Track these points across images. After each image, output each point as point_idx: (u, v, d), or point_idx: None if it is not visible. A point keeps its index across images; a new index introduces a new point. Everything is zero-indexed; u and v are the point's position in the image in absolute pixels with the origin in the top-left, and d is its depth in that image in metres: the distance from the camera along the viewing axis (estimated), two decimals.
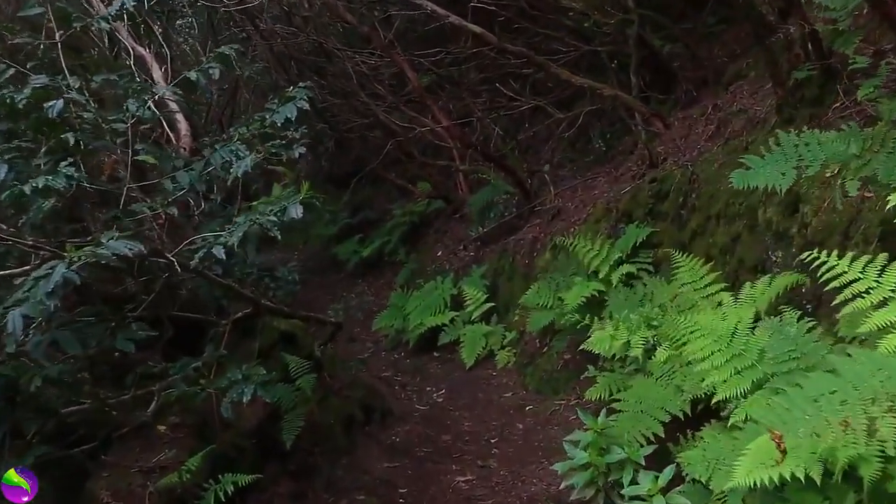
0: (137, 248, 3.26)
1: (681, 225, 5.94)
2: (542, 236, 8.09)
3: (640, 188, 6.41)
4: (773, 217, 4.67)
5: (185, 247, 3.97)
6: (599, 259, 6.36)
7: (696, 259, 5.31)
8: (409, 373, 8.53)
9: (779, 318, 3.68)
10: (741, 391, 3.53)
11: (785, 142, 3.74)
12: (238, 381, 3.89)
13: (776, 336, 3.51)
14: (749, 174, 3.75)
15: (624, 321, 5.07)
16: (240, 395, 3.84)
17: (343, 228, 13.20)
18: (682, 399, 4.30)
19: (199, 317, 4.89)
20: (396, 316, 9.29)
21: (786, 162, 3.70)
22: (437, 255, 10.35)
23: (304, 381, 4.98)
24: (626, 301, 5.64)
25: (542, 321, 6.85)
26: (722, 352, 3.71)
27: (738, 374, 3.60)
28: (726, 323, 4.15)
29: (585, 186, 8.38)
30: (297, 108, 4.06)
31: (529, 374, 7.20)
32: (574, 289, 6.23)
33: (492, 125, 10.10)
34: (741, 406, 3.44)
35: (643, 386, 4.57)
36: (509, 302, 8.35)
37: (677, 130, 7.14)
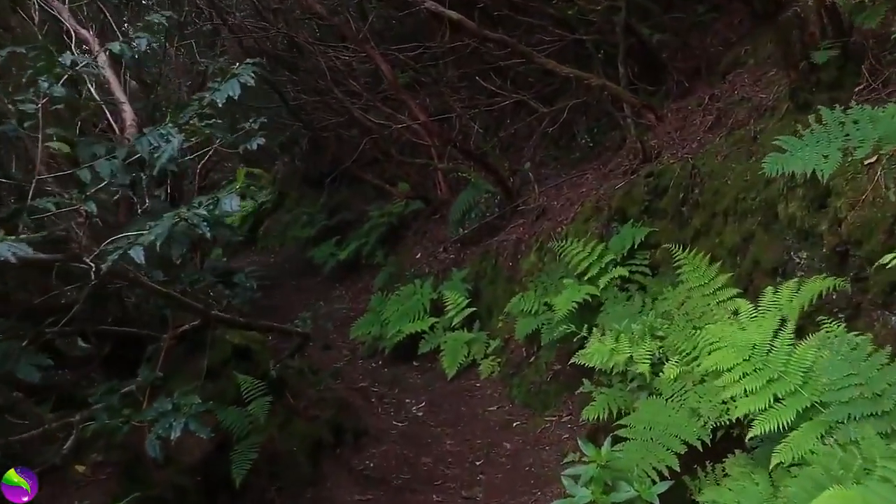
0: (23, 250, 2.43)
1: (682, 223, 5.19)
2: (526, 237, 7.30)
3: (635, 184, 5.65)
4: (797, 212, 3.92)
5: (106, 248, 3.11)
6: (590, 261, 5.59)
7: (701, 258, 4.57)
8: (387, 383, 7.70)
9: (831, 334, 2.91)
10: (783, 423, 2.76)
11: (829, 119, 2.98)
12: (167, 412, 3.06)
13: (828, 355, 2.73)
14: (785, 158, 2.99)
15: (625, 332, 4.29)
16: (167, 429, 3.01)
17: (320, 230, 12.34)
18: (700, 425, 3.53)
19: (132, 331, 4.05)
20: (374, 322, 8.45)
21: (829, 143, 2.94)
22: (415, 257, 9.53)
23: (257, 406, 4.15)
24: (625, 308, 4.87)
25: (528, 328, 6.07)
26: (756, 374, 2.94)
27: (778, 401, 2.83)
28: (747, 335, 3.40)
29: (571, 184, 7.62)
30: (242, 85, 3.23)
31: (516, 385, 6.41)
32: (564, 294, 5.45)
33: (471, 122, 9.31)
34: (787, 443, 2.67)
35: (652, 408, 3.79)
36: (492, 307, 7.56)
37: (671, 123, 6.40)
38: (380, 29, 11.30)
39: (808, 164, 2.92)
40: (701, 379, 3.83)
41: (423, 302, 7.92)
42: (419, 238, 10.00)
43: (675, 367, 3.88)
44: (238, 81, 3.30)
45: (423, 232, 10.00)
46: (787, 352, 2.93)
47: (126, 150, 3.16)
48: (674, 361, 3.94)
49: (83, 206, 3.12)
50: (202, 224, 2.88)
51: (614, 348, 4.20)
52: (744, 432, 3.42)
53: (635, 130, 7.06)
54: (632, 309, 4.86)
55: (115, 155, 3.13)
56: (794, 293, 3.54)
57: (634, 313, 4.64)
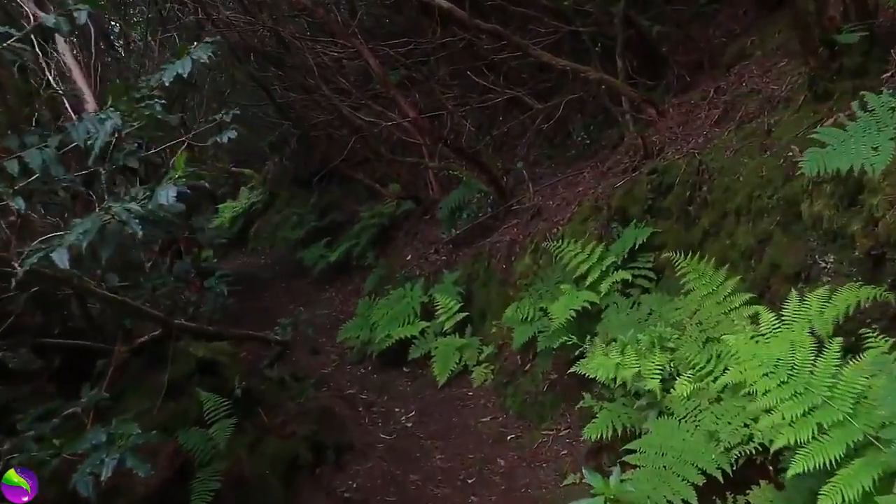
0: None
1: (689, 223, 4.70)
2: (520, 238, 6.80)
3: (637, 182, 5.16)
4: (824, 211, 3.43)
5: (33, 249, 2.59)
6: (589, 264, 5.10)
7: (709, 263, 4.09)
8: (375, 390, 7.19)
9: (890, 356, 2.41)
10: (830, 458, 2.27)
11: (877, 105, 2.49)
12: (101, 444, 2.54)
13: (885, 383, 2.23)
14: (827, 154, 2.50)
15: (631, 343, 3.80)
16: (97, 466, 2.49)
17: (310, 231, 11.82)
18: (719, 451, 3.04)
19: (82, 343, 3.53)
20: (363, 326, 7.93)
21: (879, 132, 2.45)
22: (406, 259, 9.02)
23: (219, 429, 3.63)
24: (629, 316, 4.38)
25: (524, 337, 5.57)
26: (795, 399, 2.44)
27: (823, 433, 2.33)
28: (771, 349, 2.91)
29: (567, 183, 7.12)
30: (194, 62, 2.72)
31: (510, 395, 5.90)
32: (561, 300, 4.96)
33: (463, 120, 8.81)
34: (835, 484, 2.18)
35: (664, 430, 3.30)
36: (485, 310, 7.06)
37: (673, 117, 5.91)
38: (370, 26, 10.81)
39: (856, 159, 2.44)
40: (717, 397, 3.35)
41: (413, 306, 7.42)
42: (410, 239, 9.49)
43: (689, 383, 3.40)
44: (191, 59, 2.79)
45: (414, 233, 9.50)
46: (832, 373, 2.43)
47: (59, 139, 2.65)
48: (687, 377, 3.46)
49: (11, 203, 2.61)
50: (133, 221, 2.36)
51: (620, 362, 3.71)
52: (768, 460, 2.94)
53: (635, 126, 6.59)
54: (636, 316, 4.37)
55: (47, 144, 2.62)
56: (824, 302, 3.05)
57: (640, 322, 4.15)
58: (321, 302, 10.69)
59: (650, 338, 3.73)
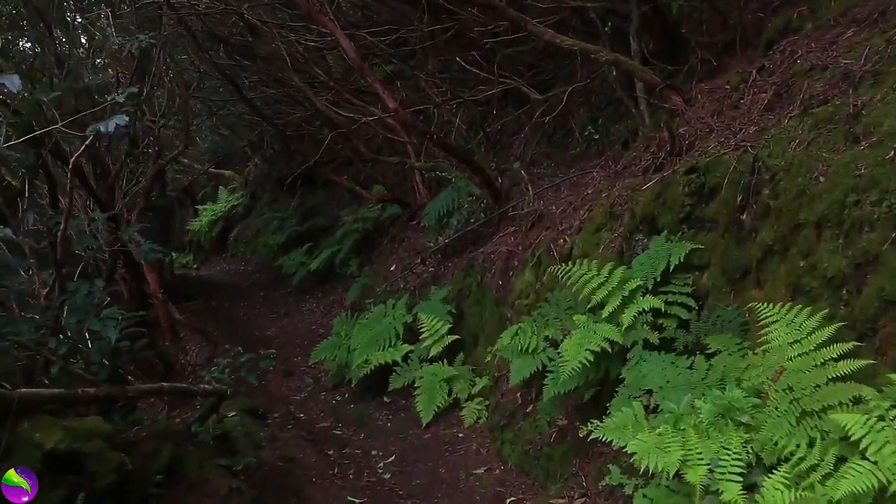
0: None
1: (742, 238, 3.43)
2: (518, 249, 5.54)
3: (670, 183, 3.89)
4: None
5: None
6: (608, 289, 3.82)
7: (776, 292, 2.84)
8: (351, 424, 5.92)
9: None
10: None
11: None
12: None
13: None
14: None
15: (685, 416, 2.52)
16: None
17: (291, 237, 10.54)
18: None
19: None
20: (339, 346, 6.66)
21: None
22: (390, 269, 7.73)
23: None
24: (675, 369, 3.10)
25: (524, 371, 4.30)
26: None
27: None
28: None
29: (572, 185, 5.86)
30: None
31: (508, 441, 4.64)
32: (574, 337, 3.69)
33: (453, 115, 7.53)
34: None
35: None
36: (478, 334, 5.78)
37: (703, 106, 4.64)
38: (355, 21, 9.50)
39: None
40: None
41: (395, 326, 6.14)
42: (395, 247, 8.21)
43: (786, 489, 2.12)
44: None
45: (399, 240, 8.21)
46: None
47: None
48: (781, 475, 2.19)
49: None
50: None
51: (664, 446, 2.43)
52: None
53: (652, 118, 5.33)
54: (685, 370, 3.09)
55: None
56: None
57: (693, 378, 2.87)
58: (300, 313, 9.41)
59: (716, 406, 2.46)
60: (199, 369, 8.00)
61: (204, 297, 10.44)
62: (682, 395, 2.75)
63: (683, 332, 3.55)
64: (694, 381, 2.79)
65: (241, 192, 12.56)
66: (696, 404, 2.55)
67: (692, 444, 2.38)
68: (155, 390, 3.13)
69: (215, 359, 8.19)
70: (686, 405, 2.54)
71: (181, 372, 7.90)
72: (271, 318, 9.47)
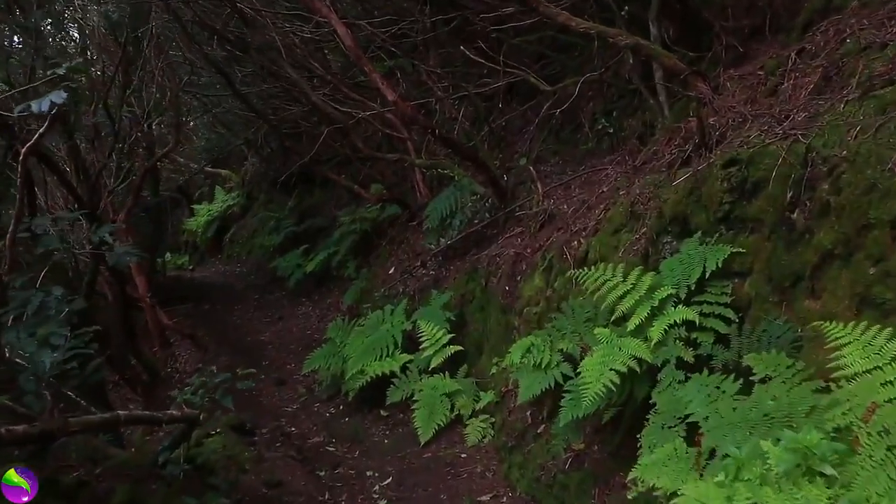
0: None
1: (792, 240, 2.89)
2: (527, 252, 4.99)
3: (705, 178, 3.34)
4: None
5: None
6: (635, 298, 3.28)
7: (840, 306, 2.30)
8: (345, 439, 5.39)
9: None
10: None
11: None
12: None
13: None
14: None
15: (750, 463, 1.97)
16: None
17: (287, 237, 9.99)
18: None
19: None
20: (334, 355, 6.11)
21: None
22: (388, 273, 7.19)
23: None
24: (722, 396, 2.55)
25: (535, 388, 3.77)
26: None
27: None
28: None
29: (584, 182, 5.32)
30: None
31: (517, 465, 4.10)
32: (596, 354, 3.15)
33: (455, 109, 7.00)
34: None
35: None
36: (482, 343, 5.24)
37: (734, 94, 4.11)
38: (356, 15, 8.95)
39: None
40: None
41: (393, 334, 5.59)
42: (394, 248, 7.67)
43: None
44: None
45: (398, 241, 7.67)
46: None
47: None
48: None
49: None
50: None
51: (736, 498, 1.88)
52: None
53: (672, 111, 4.80)
54: (727, 391, 2.55)
55: None
56: None
57: (745, 410, 2.32)
58: (296, 317, 8.87)
59: (791, 454, 1.91)
60: (189, 377, 7.47)
61: (197, 299, 9.90)
62: (737, 432, 2.21)
63: (722, 348, 3.01)
64: (752, 416, 2.24)
65: (237, 192, 12.01)
66: (762, 446, 2.00)
67: (768, 502, 1.83)
68: (108, 422, 2.59)
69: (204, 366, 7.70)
70: (752, 451, 2.00)
71: (168, 380, 7.37)
72: (265, 322, 8.94)
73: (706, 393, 2.64)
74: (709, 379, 2.72)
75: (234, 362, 7.66)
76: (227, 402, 3.17)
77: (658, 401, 2.90)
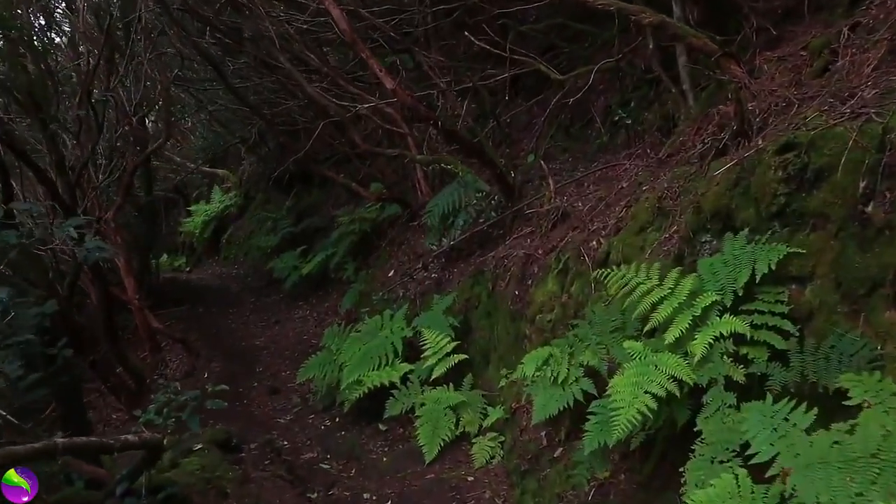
0: None
1: (867, 237, 2.37)
2: (538, 253, 4.46)
3: (753, 167, 2.82)
4: None
5: None
6: (673, 304, 2.74)
7: None
8: (341, 456, 4.85)
9: None
10: None
11: None
12: None
13: None
14: None
15: None
16: None
17: (285, 238, 9.45)
18: None
19: None
20: (329, 363, 5.57)
21: None
22: (388, 275, 6.66)
23: None
24: (790, 428, 2.03)
25: (551, 407, 3.24)
26: None
27: None
28: None
29: (600, 178, 4.80)
30: None
31: (531, 492, 3.56)
32: (627, 372, 2.64)
33: (459, 103, 6.48)
34: None
35: None
36: (489, 352, 4.72)
37: (774, 77, 3.59)
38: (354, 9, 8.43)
39: None
40: None
41: (392, 341, 5.06)
42: (395, 250, 7.14)
43: None
44: None
45: (398, 242, 7.14)
46: None
47: None
48: None
49: None
50: None
51: None
52: None
53: (698, 99, 4.28)
54: (798, 423, 2.03)
55: None
56: None
57: (840, 449, 1.79)
58: (292, 321, 8.34)
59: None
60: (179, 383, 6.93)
61: (192, 302, 9.36)
62: (831, 475, 1.68)
63: (780, 367, 2.48)
64: (848, 455, 1.71)
65: (235, 192, 11.48)
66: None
67: None
68: (40, 452, 2.08)
69: (195, 372, 7.16)
70: None
71: (156, 387, 6.82)
72: (261, 326, 8.40)
73: (771, 425, 2.11)
74: (773, 407, 2.20)
75: (226, 369, 7.14)
76: (193, 425, 2.64)
77: (704, 429, 2.38)
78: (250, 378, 6.77)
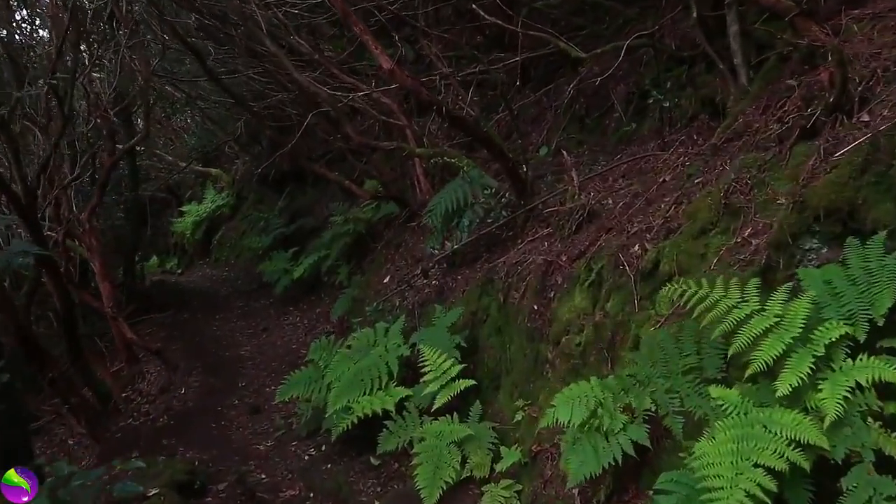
0: None
1: None
2: (561, 259, 3.54)
3: (892, 147, 1.90)
4: None
5: None
6: (784, 339, 1.82)
7: None
8: (326, 495, 3.95)
9: None
10: None
11: None
12: None
13: None
14: None
15: None
16: None
17: (277, 239, 8.52)
18: None
19: None
20: (315, 380, 4.62)
21: None
22: (383, 282, 5.73)
23: None
24: None
25: (592, 465, 2.32)
26: None
27: None
28: None
29: (630, 171, 3.89)
30: None
31: None
32: (721, 435, 1.75)
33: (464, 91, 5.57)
34: None
35: None
36: (500, 376, 3.79)
37: (869, 39, 2.68)
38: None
39: None
40: None
41: (387, 360, 4.12)
42: (391, 253, 6.21)
43: None
44: None
45: (396, 245, 6.21)
46: None
47: None
48: None
49: None
50: None
51: None
52: None
53: (755, 74, 3.37)
54: None
55: None
56: None
57: None
58: (282, 328, 7.40)
59: None
60: (153, 401, 6.00)
61: (178, 307, 8.42)
62: None
63: None
64: None
65: (227, 192, 10.54)
66: None
67: None
68: None
69: (171, 387, 6.21)
70: None
71: (125, 406, 5.88)
72: (248, 334, 7.46)
73: None
74: None
75: (205, 383, 6.19)
76: None
77: None
78: (231, 394, 5.84)
